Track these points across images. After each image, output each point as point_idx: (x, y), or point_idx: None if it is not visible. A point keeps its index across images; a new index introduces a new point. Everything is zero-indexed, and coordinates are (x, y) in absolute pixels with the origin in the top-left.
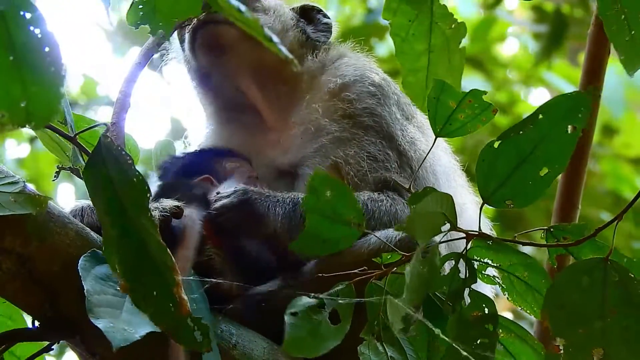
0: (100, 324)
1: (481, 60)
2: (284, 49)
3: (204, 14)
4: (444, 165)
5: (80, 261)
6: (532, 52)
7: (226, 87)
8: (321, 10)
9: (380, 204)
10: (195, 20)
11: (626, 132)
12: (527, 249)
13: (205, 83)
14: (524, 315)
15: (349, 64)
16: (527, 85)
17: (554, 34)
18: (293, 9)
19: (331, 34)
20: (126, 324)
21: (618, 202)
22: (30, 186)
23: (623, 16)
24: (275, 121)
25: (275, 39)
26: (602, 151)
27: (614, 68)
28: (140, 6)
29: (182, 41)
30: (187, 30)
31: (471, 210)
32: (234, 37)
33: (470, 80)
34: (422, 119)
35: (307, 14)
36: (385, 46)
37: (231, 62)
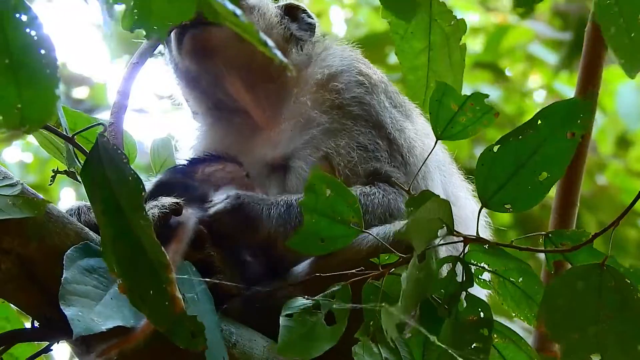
0: (68, 311)
1: (497, 66)
2: (279, 54)
3: None
4: (434, 154)
5: (68, 251)
6: (553, 61)
7: (215, 90)
8: (305, 10)
9: (372, 197)
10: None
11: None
12: (541, 256)
13: (193, 86)
14: None
15: (335, 55)
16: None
17: (576, 42)
18: (278, 6)
19: (314, 33)
20: (96, 315)
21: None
22: (29, 188)
23: (621, 19)
24: (265, 120)
25: (270, 43)
26: (617, 163)
27: (632, 82)
28: (135, 10)
29: (168, 42)
30: (173, 32)
31: (464, 199)
32: (221, 40)
33: (485, 87)
34: (410, 106)
35: (292, 12)
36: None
37: (219, 66)
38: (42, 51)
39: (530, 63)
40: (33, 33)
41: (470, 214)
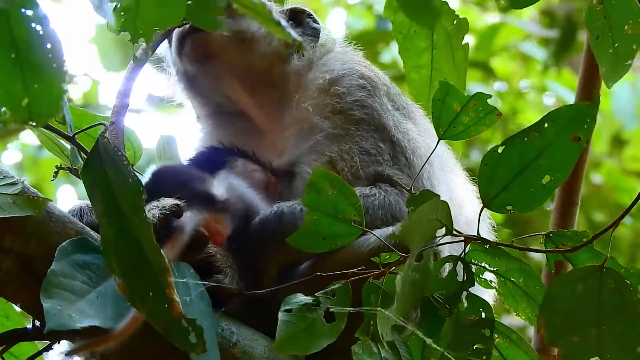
0: (46, 303)
1: (489, 66)
2: (292, 33)
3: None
4: (438, 154)
5: (63, 243)
6: (541, 59)
7: (216, 94)
8: (311, 15)
9: (373, 198)
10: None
11: (635, 146)
12: (534, 255)
13: (194, 89)
14: None
15: (336, 58)
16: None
17: (564, 39)
18: (282, 10)
19: (318, 39)
20: (75, 312)
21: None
22: (30, 186)
23: (609, 28)
24: (267, 125)
25: (283, 23)
26: (611, 162)
27: (627, 82)
28: (122, 12)
29: (169, 46)
30: (174, 36)
31: (467, 200)
32: (221, 44)
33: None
34: (413, 108)
35: (297, 17)
36: (389, 54)
37: (220, 70)
38: (48, 46)
39: (523, 62)
40: (39, 28)
41: (473, 215)
